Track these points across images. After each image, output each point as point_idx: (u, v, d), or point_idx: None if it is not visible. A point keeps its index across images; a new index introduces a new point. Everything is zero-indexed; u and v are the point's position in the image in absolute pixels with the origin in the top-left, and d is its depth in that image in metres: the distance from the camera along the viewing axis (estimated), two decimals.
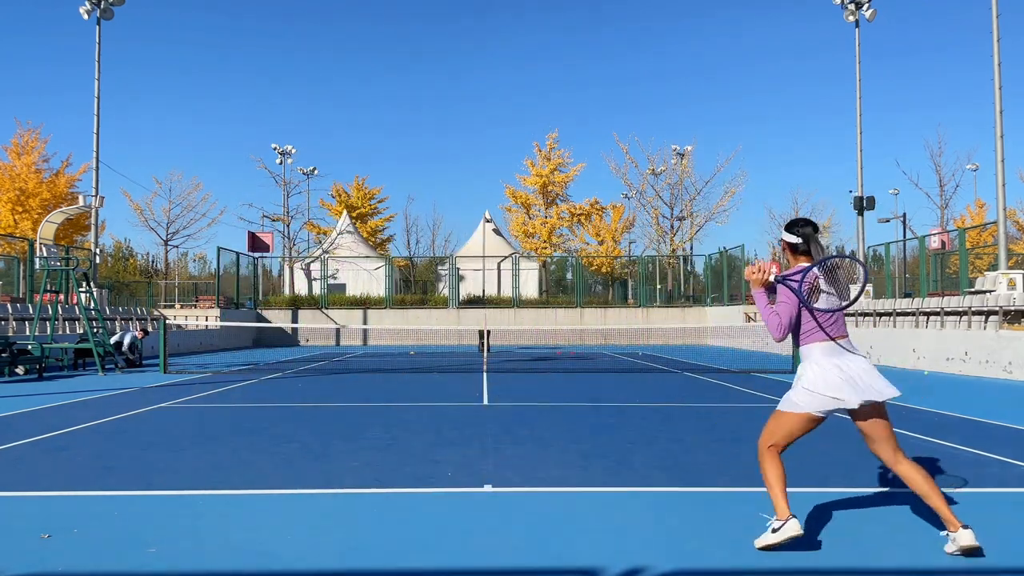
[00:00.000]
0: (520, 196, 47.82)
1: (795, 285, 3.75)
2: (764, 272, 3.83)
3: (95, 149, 28.67)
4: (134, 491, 5.19)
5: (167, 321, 18.97)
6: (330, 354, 25.19)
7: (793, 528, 3.65)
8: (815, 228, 3.93)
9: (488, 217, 45.06)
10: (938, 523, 3.80)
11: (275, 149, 49.48)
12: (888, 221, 35.14)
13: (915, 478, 3.68)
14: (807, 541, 3.98)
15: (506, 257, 40.51)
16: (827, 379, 3.69)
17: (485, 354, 19.75)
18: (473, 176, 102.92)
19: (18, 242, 29.56)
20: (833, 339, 3.78)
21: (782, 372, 15.88)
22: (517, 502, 4.85)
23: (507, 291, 38.64)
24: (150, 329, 22.56)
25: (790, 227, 3.95)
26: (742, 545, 3.92)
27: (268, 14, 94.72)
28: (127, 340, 18.09)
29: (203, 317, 30.55)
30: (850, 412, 3.76)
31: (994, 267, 21.52)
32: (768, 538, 3.71)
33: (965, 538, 3.57)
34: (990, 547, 3.88)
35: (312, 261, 40.68)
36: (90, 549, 3.88)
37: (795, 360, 15.79)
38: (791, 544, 3.70)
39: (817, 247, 3.90)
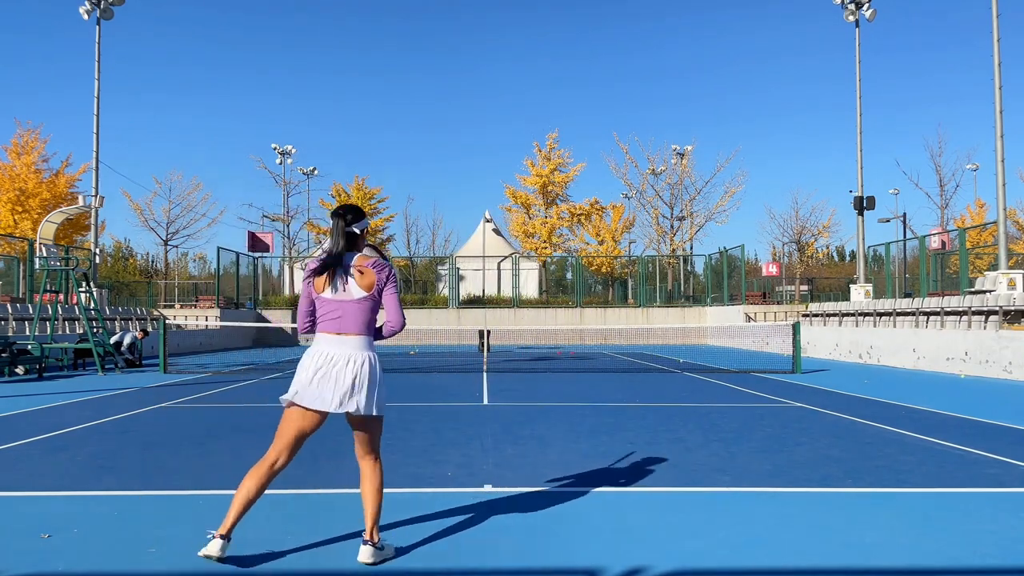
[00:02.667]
0: (520, 196, 47.77)
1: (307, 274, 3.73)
2: None
3: (95, 149, 28.67)
4: (134, 491, 5.19)
5: (167, 321, 18.96)
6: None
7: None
8: (353, 217, 3.77)
9: (488, 217, 45.07)
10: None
11: (275, 149, 49.46)
12: (888, 221, 35.15)
13: (366, 480, 3.76)
14: (807, 541, 3.98)
15: (506, 257, 40.51)
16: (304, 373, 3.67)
17: (485, 354, 19.75)
18: (473, 176, 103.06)
19: (18, 242, 29.56)
20: (328, 332, 3.70)
21: (782, 372, 15.88)
22: (517, 502, 4.85)
23: (507, 291, 38.64)
24: (150, 329, 22.56)
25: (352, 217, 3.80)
26: (743, 545, 3.92)
27: (268, 14, 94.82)
28: (127, 340, 18.09)
29: (203, 317, 30.54)
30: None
31: (994, 267, 21.52)
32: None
33: (362, 554, 3.60)
34: (991, 547, 3.88)
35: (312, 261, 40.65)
36: (90, 549, 3.88)
37: (795, 360, 15.85)
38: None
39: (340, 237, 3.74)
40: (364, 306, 3.70)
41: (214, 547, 3.51)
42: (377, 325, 3.85)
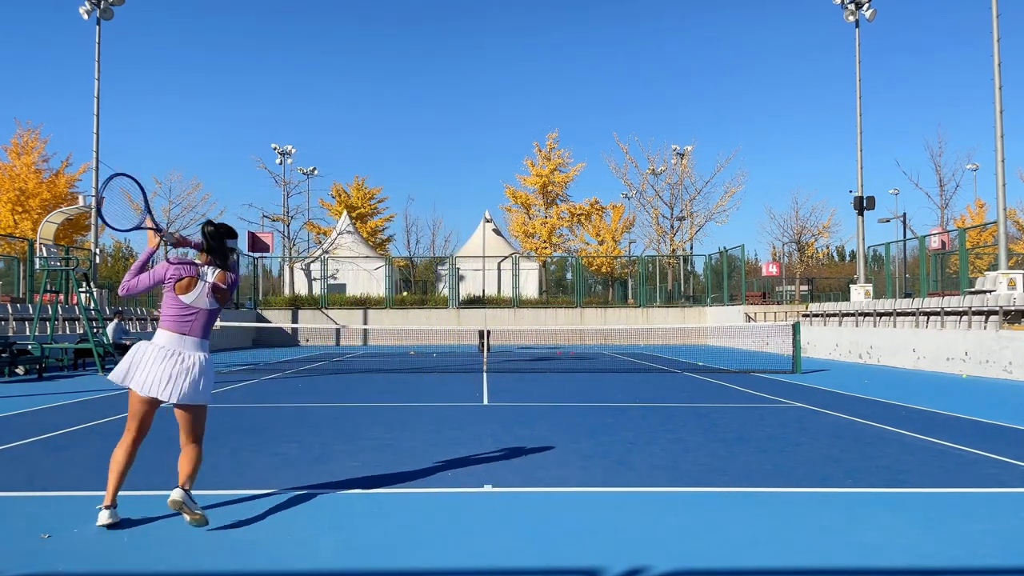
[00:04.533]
0: (520, 196, 47.80)
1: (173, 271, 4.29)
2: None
3: (95, 149, 28.65)
4: (134, 491, 5.19)
5: None
6: (330, 354, 25.18)
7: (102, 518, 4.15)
8: (223, 236, 4.38)
9: (488, 217, 45.04)
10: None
11: (275, 149, 49.47)
12: (888, 221, 35.12)
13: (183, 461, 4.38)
14: (807, 541, 3.97)
15: (506, 257, 40.51)
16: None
17: (485, 354, 19.75)
18: (473, 176, 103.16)
19: (18, 242, 29.55)
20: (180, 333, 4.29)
21: (782, 372, 15.88)
22: (517, 502, 4.85)
23: (507, 291, 38.64)
24: (138, 322, 22.44)
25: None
26: (742, 545, 3.92)
27: (268, 15, 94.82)
28: (110, 333, 17.72)
29: None
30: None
31: (994, 267, 21.52)
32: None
33: (102, 518, 4.16)
34: (991, 547, 3.88)
35: (312, 261, 40.67)
36: (90, 549, 3.88)
37: (795, 360, 15.85)
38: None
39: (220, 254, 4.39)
40: (214, 314, 4.40)
41: (104, 517, 4.14)
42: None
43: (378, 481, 5.49)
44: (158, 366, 4.19)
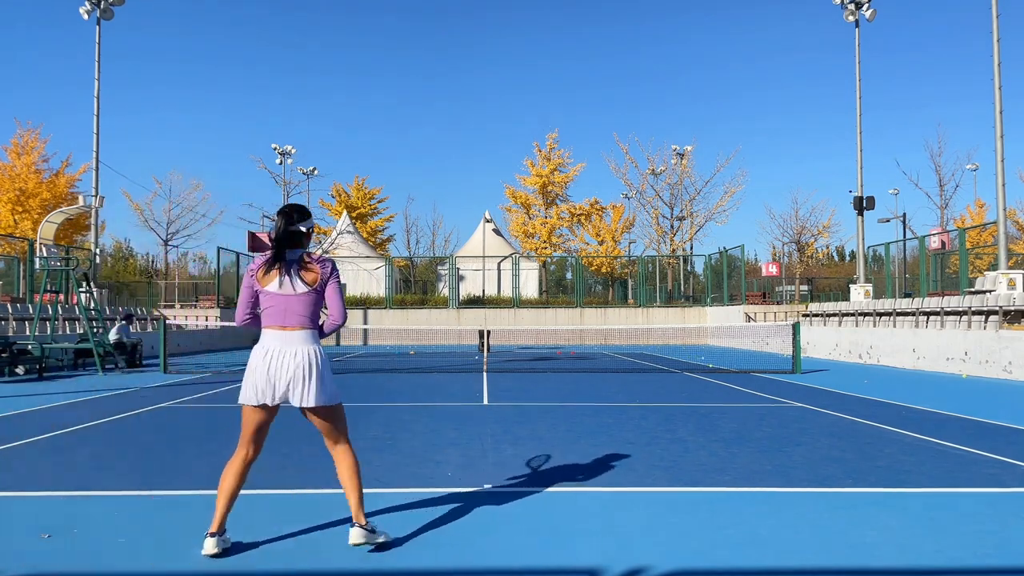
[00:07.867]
0: (520, 196, 47.80)
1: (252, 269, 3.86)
2: None
3: (95, 149, 28.66)
4: (134, 491, 5.19)
5: (167, 321, 18.94)
6: (330, 354, 25.17)
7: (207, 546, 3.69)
8: (299, 215, 3.85)
9: (488, 217, 45.05)
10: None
11: (275, 149, 49.44)
12: (888, 221, 35.13)
13: (341, 466, 3.88)
14: (807, 541, 3.97)
15: (506, 257, 40.50)
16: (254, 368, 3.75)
17: (485, 354, 19.76)
18: (473, 176, 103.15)
19: (18, 242, 29.55)
20: (272, 327, 3.78)
21: (782, 372, 15.87)
22: (517, 502, 4.85)
23: (507, 291, 38.64)
24: (139, 322, 22.47)
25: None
26: (743, 545, 3.92)
27: (268, 14, 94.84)
28: (113, 336, 17.79)
29: (203, 317, 30.53)
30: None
31: (994, 267, 21.52)
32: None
33: (353, 536, 3.75)
34: (991, 547, 3.88)
35: None
36: (90, 549, 3.87)
37: (795, 360, 15.85)
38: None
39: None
40: (307, 300, 3.79)
41: (210, 545, 3.69)
42: (320, 322, 3.93)
43: (378, 481, 5.49)
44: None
